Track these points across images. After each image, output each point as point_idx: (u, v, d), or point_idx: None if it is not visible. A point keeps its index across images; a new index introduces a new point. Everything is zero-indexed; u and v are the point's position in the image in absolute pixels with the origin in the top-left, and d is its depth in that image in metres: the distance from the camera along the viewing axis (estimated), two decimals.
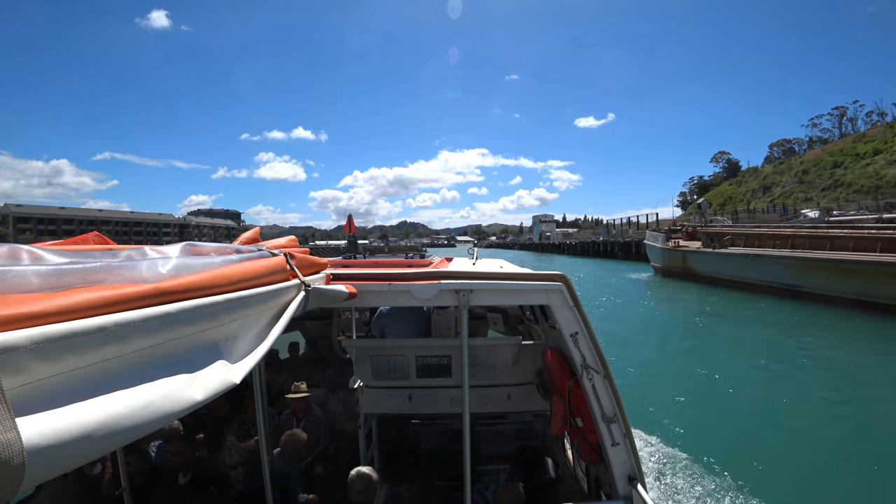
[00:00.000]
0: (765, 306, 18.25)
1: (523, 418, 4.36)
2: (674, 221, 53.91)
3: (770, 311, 17.23)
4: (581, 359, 2.50)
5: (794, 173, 64.73)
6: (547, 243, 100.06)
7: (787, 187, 62.54)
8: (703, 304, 19.94)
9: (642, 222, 60.85)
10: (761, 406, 7.98)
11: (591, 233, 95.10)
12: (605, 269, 40.15)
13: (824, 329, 14.04)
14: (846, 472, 5.75)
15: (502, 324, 5.20)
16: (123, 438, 0.70)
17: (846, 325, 14.49)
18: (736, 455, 6.10)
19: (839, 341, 12.51)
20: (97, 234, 1.57)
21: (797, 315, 16.20)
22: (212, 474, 3.42)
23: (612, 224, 72.76)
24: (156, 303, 0.86)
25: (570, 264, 48.04)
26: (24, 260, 0.92)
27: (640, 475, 2.55)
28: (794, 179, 63.22)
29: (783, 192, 61.61)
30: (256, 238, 1.94)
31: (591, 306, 19.12)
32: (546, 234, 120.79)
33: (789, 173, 66.33)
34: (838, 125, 79.82)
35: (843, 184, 52.25)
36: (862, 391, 8.79)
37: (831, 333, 13.45)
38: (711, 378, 9.44)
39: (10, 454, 0.51)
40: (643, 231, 52.87)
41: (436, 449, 4.03)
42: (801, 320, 15.40)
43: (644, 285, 28.10)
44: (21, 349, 0.59)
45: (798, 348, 11.78)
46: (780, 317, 16.20)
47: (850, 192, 48.74)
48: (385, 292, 2.47)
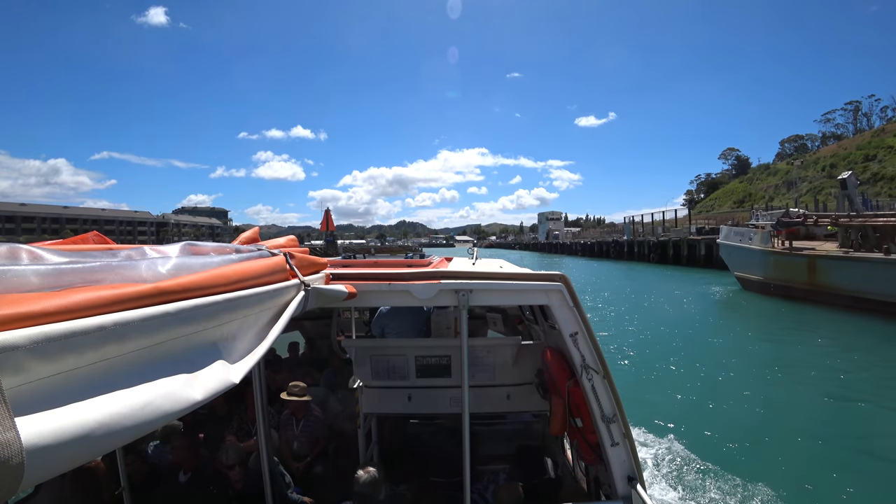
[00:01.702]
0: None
1: (523, 418, 4.36)
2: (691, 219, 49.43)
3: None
4: (581, 359, 2.50)
5: (821, 168, 60.63)
6: (555, 243, 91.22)
7: (814, 182, 58.22)
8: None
9: (657, 219, 55.56)
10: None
11: (599, 231, 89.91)
12: (651, 278, 31.25)
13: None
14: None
15: (502, 324, 5.20)
16: (123, 438, 0.70)
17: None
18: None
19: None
20: (97, 233, 1.57)
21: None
22: (211, 474, 3.42)
23: (631, 221, 60.09)
24: (155, 302, 0.86)
25: (597, 270, 40.29)
26: (24, 259, 0.92)
27: (639, 475, 2.56)
28: (821, 174, 58.91)
29: (811, 187, 56.89)
30: (256, 238, 1.94)
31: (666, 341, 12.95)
32: (554, 233, 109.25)
33: (815, 168, 62.51)
34: (853, 120, 77.93)
35: (885, 177, 49.14)
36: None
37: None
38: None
39: (10, 454, 0.51)
40: (682, 229, 45.89)
41: (435, 449, 4.03)
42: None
43: (741, 308, 19.01)
44: (20, 349, 0.59)
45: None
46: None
47: (892, 186, 46.30)
48: (385, 292, 2.47)
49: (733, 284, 24.08)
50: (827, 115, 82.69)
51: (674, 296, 22.16)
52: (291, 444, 3.95)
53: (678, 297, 21.78)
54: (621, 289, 26.34)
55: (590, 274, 37.06)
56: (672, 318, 16.33)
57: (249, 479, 3.23)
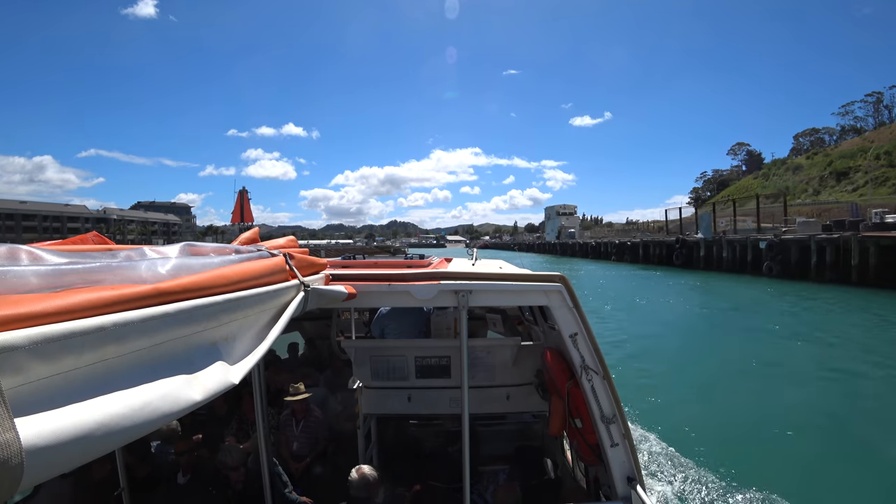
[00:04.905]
0: None
1: (522, 419, 4.36)
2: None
3: None
4: (580, 360, 2.51)
5: (875, 156, 53.87)
6: (569, 244, 70.35)
7: (871, 171, 51.65)
8: None
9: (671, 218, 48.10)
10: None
11: (614, 231, 79.61)
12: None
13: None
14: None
15: (501, 324, 5.20)
16: (122, 439, 0.70)
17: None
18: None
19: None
20: (96, 234, 1.57)
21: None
22: (211, 475, 3.42)
23: (711, 213, 41.31)
24: (155, 303, 0.86)
25: (701, 291, 23.65)
26: (24, 260, 0.92)
27: (639, 476, 2.56)
28: (876, 163, 52.27)
29: (869, 177, 50.73)
30: (256, 238, 1.95)
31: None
32: (569, 230, 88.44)
33: (861, 157, 56.51)
34: (874, 112, 74.31)
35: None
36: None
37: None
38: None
39: (9, 454, 0.51)
40: (789, 226, 30.34)
41: (435, 449, 4.03)
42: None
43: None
44: (20, 349, 0.59)
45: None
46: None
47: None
48: (385, 293, 2.47)
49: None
50: (846, 107, 78.62)
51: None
52: (291, 444, 3.95)
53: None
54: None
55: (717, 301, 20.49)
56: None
57: (248, 480, 3.23)
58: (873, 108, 75.45)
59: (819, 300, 19.05)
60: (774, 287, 23.13)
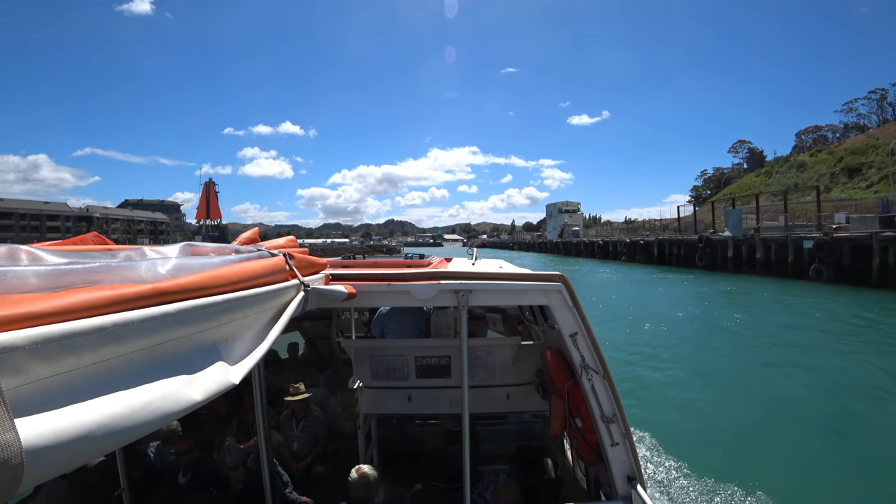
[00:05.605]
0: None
1: (523, 418, 4.36)
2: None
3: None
4: (580, 359, 2.51)
5: (888, 151, 49.51)
6: (573, 243, 65.94)
7: (885, 168, 49.56)
8: None
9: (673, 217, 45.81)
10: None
11: (608, 229, 78.51)
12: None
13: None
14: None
15: (501, 324, 5.20)
16: (122, 439, 0.70)
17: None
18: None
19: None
20: (96, 234, 1.57)
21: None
22: (211, 475, 3.42)
23: (734, 206, 39.21)
24: (155, 303, 0.86)
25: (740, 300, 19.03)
26: (23, 260, 0.92)
27: (639, 475, 2.56)
28: (890, 158, 48.12)
29: (883, 174, 49.10)
30: (255, 238, 1.94)
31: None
32: (573, 229, 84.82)
33: (872, 153, 54.80)
34: (877, 109, 73.49)
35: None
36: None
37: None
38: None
39: (9, 455, 0.51)
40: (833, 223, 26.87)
41: (435, 449, 4.03)
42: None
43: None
44: (20, 349, 0.59)
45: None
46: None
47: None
48: (384, 292, 2.47)
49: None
50: (849, 105, 77.81)
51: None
52: (291, 444, 3.95)
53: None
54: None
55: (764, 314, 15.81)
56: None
57: (249, 480, 3.23)
58: (877, 105, 74.99)
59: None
60: (835, 294, 18.56)
